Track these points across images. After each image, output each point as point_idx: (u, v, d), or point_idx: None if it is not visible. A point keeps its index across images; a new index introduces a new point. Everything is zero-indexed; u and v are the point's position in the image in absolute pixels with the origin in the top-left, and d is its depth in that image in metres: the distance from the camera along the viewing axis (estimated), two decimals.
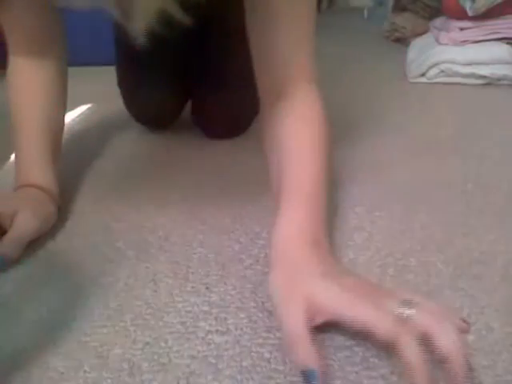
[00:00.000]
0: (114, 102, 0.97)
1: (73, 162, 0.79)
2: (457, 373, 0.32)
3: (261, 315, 0.42)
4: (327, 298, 0.36)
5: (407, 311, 0.34)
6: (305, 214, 0.45)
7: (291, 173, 0.50)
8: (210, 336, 0.40)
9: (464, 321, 0.39)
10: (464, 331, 0.38)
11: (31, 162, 0.62)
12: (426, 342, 0.33)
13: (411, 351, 0.32)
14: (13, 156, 0.83)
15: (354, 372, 0.36)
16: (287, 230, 0.44)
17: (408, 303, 0.35)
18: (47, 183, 0.60)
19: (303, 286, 0.37)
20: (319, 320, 0.37)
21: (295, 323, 0.36)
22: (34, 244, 0.54)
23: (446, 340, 0.33)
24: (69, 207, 0.64)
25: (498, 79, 1.23)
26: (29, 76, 0.67)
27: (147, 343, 0.40)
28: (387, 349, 0.34)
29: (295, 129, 0.53)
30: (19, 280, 0.49)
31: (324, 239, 0.45)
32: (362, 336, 0.35)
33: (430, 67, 1.27)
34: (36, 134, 0.64)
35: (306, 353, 0.34)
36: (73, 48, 0.77)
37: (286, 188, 0.48)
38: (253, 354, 0.38)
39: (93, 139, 0.92)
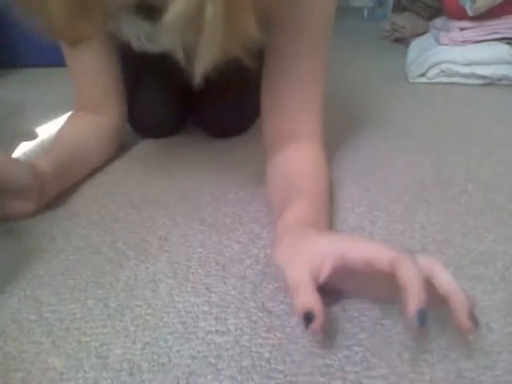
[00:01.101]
0: None
1: None
2: (460, 310, 0.33)
3: (261, 315, 0.42)
4: (329, 245, 0.38)
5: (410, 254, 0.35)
6: (308, 210, 0.47)
7: (296, 187, 0.52)
8: (210, 336, 0.40)
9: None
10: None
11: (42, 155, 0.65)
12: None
13: (408, 273, 0.33)
14: None
15: (353, 372, 0.36)
16: (291, 218, 0.46)
17: (409, 251, 0.35)
18: (41, 165, 0.60)
19: (306, 244, 0.39)
20: (325, 272, 0.37)
21: (298, 273, 0.37)
22: (33, 244, 0.54)
23: (447, 278, 0.34)
24: (69, 207, 0.64)
25: (498, 79, 1.23)
26: (82, 125, 0.74)
27: (147, 343, 0.40)
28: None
29: (300, 165, 0.57)
30: (19, 280, 0.49)
31: (325, 228, 0.48)
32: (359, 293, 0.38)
33: (430, 67, 1.27)
34: (60, 151, 0.67)
35: (307, 297, 0.35)
36: None
37: (289, 197, 0.50)
38: (253, 354, 0.38)
39: None
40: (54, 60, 1.50)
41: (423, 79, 1.29)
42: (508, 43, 1.24)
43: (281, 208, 0.50)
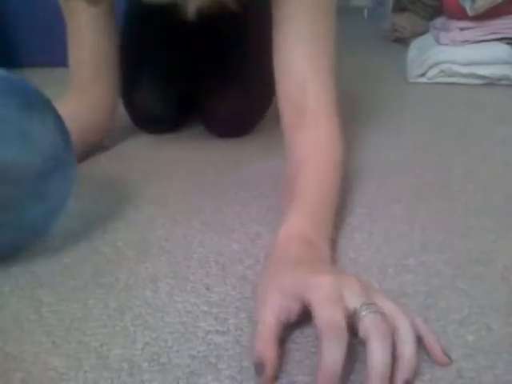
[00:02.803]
0: None
1: None
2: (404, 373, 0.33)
3: None
4: (295, 289, 0.37)
5: (363, 312, 0.34)
6: (304, 224, 0.46)
7: (302, 184, 0.52)
8: (210, 336, 0.40)
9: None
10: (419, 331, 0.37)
11: None
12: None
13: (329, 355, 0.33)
14: None
15: (353, 372, 0.36)
16: (284, 232, 0.46)
17: (369, 306, 0.34)
18: None
19: (277, 280, 0.39)
20: (295, 308, 0.37)
21: (267, 318, 0.36)
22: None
23: (378, 356, 0.32)
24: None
25: (498, 79, 1.23)
26: (70, 108, 0.73)
27: (147, 343, 0.40)
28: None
29: (313, 157, 0.56)
30: (19, 280, 0.49)
31: (322, 244, 0.46)
32: None
33: (430, 67, 1.27)
34: None
35: (263, 345, 0.35)
36: None
37: (296, 195, 0.50)
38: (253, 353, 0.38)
39: None
40: (54, 60, 1.50)
41: (423, 79, 1.29)
42: (508, 43, 1.24)
43: (285, 206, 0.51)
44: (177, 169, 0.76)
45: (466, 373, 0.36)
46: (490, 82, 1.23)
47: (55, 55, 1.50)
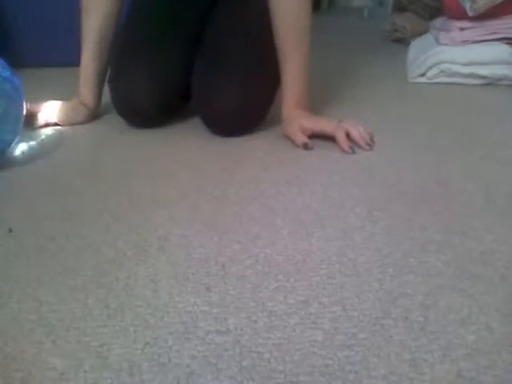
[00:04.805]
0: None
1: (72, 161, 0.80)
2: (362, 147, 0.80)
3: (261, 315, 0.42)
4: (307, 122, 0.83)
5: (340, 124, 0.81)
6: (298, 96, 0.85)
7: (289, 68, 0.84)
8: (210, 336, 0.40)
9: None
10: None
11: (84, 86, 0.96)
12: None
13: (341, 135, 0.80)
14: None
15: (353, 372, 0.36)
16: (287, 105, 0.85)
17: (341, 122, 0.81)
18: (89, 101, 0.97)
19: (296, 120, 0.83)
20: (306, 133, 0.82)
21: (294, 129, 0.83)
22: (33, 244, 0.54)
23: (356, 132, 0.80)
24: (69, 207, 0.64)
25: (498, 79, 1.23)
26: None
27: (147, 343, 0.40)
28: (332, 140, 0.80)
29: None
30: (19, 280, 0.49)
31: (307, 102, 0.87)
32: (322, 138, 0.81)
33: (430, 67, 1.27)
34: (92, 59, 0.94)
35: (301, 137, 0.82)
36: (71, 49, 0.77)
37: (287, 79, 0.84)
38: (253, 354, 0.38)
39: (92, 139, 0.92)
40: (54, 60, 1.50)
41: (423, 79, 1.29)
42: (508, 43, 1.23)
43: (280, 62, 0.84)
44: (177, 169, 0.76)
45: (465, 373, 0.36)
46: (490, 82, 1.23)
47: (55, 55, 1.50)
